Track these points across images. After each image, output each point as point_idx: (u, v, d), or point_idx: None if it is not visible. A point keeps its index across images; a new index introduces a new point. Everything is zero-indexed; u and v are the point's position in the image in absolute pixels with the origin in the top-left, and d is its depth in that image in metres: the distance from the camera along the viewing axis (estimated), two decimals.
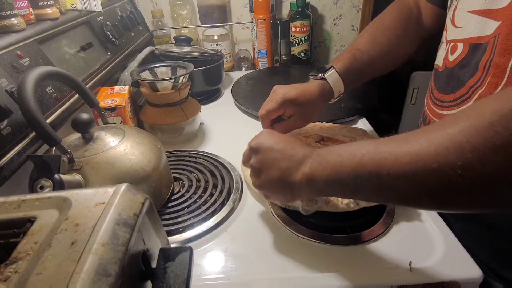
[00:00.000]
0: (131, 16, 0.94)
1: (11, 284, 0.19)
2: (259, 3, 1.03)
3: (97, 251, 0.20)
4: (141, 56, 0.81)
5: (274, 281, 0.42)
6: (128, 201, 0.25)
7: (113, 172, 0.44)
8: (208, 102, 0.93)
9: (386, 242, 0.46)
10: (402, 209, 0.52)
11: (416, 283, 0.41)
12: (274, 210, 0.52)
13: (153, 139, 0.53)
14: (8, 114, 0.43)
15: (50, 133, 0.40)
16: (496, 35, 0.41)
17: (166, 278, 0.24)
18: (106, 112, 0.59)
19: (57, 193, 0.26)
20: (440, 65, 0.53)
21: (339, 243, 0.46)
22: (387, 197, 0.34)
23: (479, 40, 0.44)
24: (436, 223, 0.49)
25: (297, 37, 1.12)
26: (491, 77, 0.42)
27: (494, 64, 0.41)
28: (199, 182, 0.58)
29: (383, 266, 0.43)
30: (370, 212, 0.50)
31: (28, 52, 0.53)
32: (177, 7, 1.16)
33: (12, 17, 0.52)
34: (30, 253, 0.21)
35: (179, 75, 0.67)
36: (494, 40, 0.42)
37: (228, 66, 1.17)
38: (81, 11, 0.72)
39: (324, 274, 0.42)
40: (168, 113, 0.68)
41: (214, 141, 0.73)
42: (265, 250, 0.47)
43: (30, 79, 0.41)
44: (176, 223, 0.50)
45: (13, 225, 0.24)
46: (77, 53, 0.66)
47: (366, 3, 1.17)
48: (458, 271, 0.42)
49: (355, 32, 1.25)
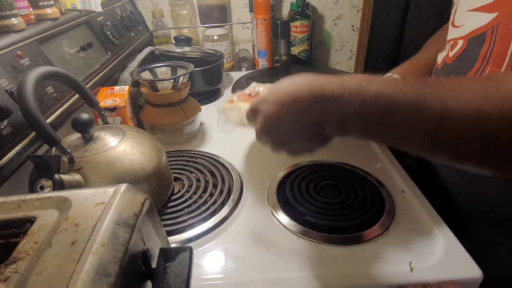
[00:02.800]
0: (131, 16, 0.94)
1: (11, 284, 0.19)
2: (259, 3, 1.03)
3: (97, 251, 0.20)
4: (141, 56, 0.81)
5: (274, 281, 0.42)
6: (128, 201, 0.25)
7: (113, 172, 0.44)
8: (208, 102, 0.93)
9: (386, 242, 0.46)
10: (402, 209, 0.52)
11: (416, 283, 0.41)
12: (274, 210, 0.52)
13: (153, 139, 0.53)
14: (8, 114, 0.43)
15: (50, 133, 0.40)
16: (495, 25, 0.42)
17: (166, 278, 0.24)
18: (106, 112, 0.59)
19: (57, 193, 0.26)
20: (439, 63, 0.53)
21: (339, 243, 0.46)
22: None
23: (478, 32, 0.45)
24: (436, 223, 0.49)
25: (297, 37, 1.13)
26: (491, 66, 0.42)
27: (494, 54, 0.42)
28: (199, 182, 0.58)
29: (383, 266, 0.43)
30: (370, 212, 0.51)
31: (28, 52, 0.53)
32: (177, 7, 1.16)
33: (12, 17, 0.52)
34: (30, 253, 0.21)
35: (179, 75, 0.67)
36: (492, 30, 0.42)
37: (228, 66, 1.17)
38: (81, 11, 0.72)
39: (324, 274, 0.42)
40: (168, 113, 0.68)
41: (214, 141, 0.73)
42: (265, 250, 0.47)
43: (30, 79, 0.41)
44: (176, 223, 0.50)
45: (13, 225, 0.24)
46: (77, 53, 0.66)
47: (366, 3, 1.17)
48: (458, 271, 0.42)
49: (355, 32, 1.25)
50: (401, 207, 0.52)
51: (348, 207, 0.52)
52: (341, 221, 0.49)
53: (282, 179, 0.59)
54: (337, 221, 0.49)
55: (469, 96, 0.27)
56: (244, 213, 0.53)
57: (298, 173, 0.59)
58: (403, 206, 0.53)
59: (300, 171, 0.60)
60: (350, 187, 0.56)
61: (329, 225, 0.49)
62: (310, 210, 0.51)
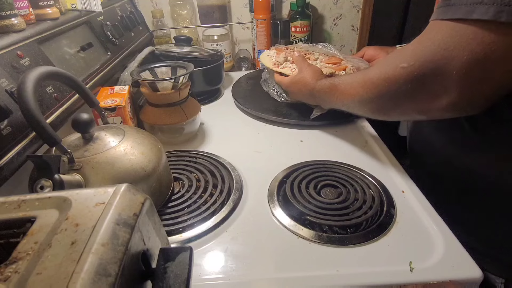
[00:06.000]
0: (131, 16, 0.94)
1: (11, 284, 0.19)
2: (259, 3, 1.03)
3: (97, 251, 0.20)
4: (141, 56, 0.81)
5: (274, 281, 0.42)
6: (128, 201, 0.25)
7: (113, 172, 0.44)
8: (208, 102, 0.93)
9: (386, 242, 0.46)
10: (402, 209, 0.52)
11: (416, 283, 0.41)
12: (274, 210, 0.52)
13: (153, 139, 0.53)
14: (8, 114, 0.43)
15: (50, 133, 0.40)
16: None
17: (166, 278, 0.24)
18: (106, 112, 0.59)
19: (57, 193, 0.26)
20: None
21: (339, 243, 0.46)
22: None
23: None
24: (436, 223, 0.49)
25: (297, 37, 1.13)
26: None
27: None
28: (199, 182, 0.59)
29: (383, 266, 0.43)
30: (370, 212, 0.51)
31: (28, 52, 0.53)
32: (177, 7, 1.16)
33: (12, 17, 0.52)
34: (30, 253, 0.21)
35: (179, 75, 0.67)
36: None
37: (228, 66, 1.17)
38: (81, 11, 0.72)
39: (324, 274, 0.42)
40: (168, 113, 0.68)
41: (214, 141, 0.73)
42: (265, 250, 0.47)
43: (30, 79, 0.41)
44: (176, 223, 0.50)
45: (13, 225, 0.24)
46: (77, 53, 0.66)
47: (366, 3, 1.17)
48: (458, 271, 0.42)
49: (355, 32, 1.25)
50: (401, 207, 0.52)
51: (348, 207, 0.52)
52: (341, 221, 0.49)
53: (282, 179, 0.59)
54: (337, 221, 0.49)
55: (351, 81, 0.58)
56: (244, 213, 0.53)
57: (298, 173, 0.59)
58: (403, 206, 0.53)
59: (300, 171, 0.60)
60: (350, 187, 0.56)
61: (329, 225, 0.49)
62: (310, 210, 0.51)
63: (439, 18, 0.41)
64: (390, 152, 0.66)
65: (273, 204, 0.53)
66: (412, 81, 0.44)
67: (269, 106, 0.83)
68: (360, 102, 0.55)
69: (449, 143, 0.54)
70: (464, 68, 0.38)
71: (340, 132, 0.75)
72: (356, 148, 0.68)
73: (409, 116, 0.54)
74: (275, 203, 0.53)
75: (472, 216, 0.53)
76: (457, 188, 0.55)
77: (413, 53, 0.44)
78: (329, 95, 0.63)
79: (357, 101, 0.56)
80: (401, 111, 0.50)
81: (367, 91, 0.52)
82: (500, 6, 0.34)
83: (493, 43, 0.36)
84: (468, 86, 0.40)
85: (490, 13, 0.35)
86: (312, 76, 0.69)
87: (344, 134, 0.74)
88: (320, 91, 0.66)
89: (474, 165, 0.50)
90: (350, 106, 0.59)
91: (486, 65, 0.37)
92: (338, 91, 0.60)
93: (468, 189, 0.53)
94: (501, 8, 0.34)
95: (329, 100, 0.65)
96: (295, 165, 0.62)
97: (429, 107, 0.45)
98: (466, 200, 0.54)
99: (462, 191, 0.54)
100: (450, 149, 0.54)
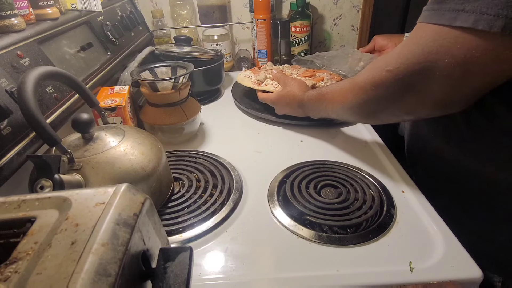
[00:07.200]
0: (131, 16, 0.94)
1: (11, 284, 0.19)
2: (259, 3, 1.03)
3: (97, 251, 0.20)
4: (141, 56, 0.81)
5: (274, 281, 0.42)
6: (128, 201, 0.25)
7: (113, 172, 0.44)
8: (208, 102, 0.93)
9: (386, 242, 0.47)
10: (402, 209, 0.52)
11: (416, 283, 0.41)
12: (274, 210, 0.52)
13: (153, 139, 0.53)
14: (8, 114, 0.43)
15: (50, 133, 0.40)
16: None
17: (166, 278, 0.24)
18: (106, 112, 0.59)
19: (57, 193, 0.26)
20: None
21: (339, 243, 0.46)
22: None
23: None
24: (436, 223, 0.49)
25: (297, 37, 1.13)
26: None
27: None
28: (199, 182, 0.58)
29: (383, 266, 0.43)
30: (370, 212, 0.51)
31: (28, 52, 0.53)
32: (177, 7, 1.16)
33: (12, 17, 0.52)
34: (30, 253, 0.21)
35: (179, 75, 0.67)
36: None
37: (228, 66, 1.17)
38: (81, 11, 0.72)
39: (324, 274, 0.42)
40: (168, 113, 0.68)
41: (214, 141, 0.73)
42: (265, 250, 0.47)
43: (30, 79, 0.41)
44: (176, 223, 0.50)
45: (13, 225, 0.24)
46: (77, 53, 0.66)
47: (366, 3, 1.17)
48: (458, 271, 0.42)
49: (355, 32, 1.25)
50: (401, 207, 0.52)
51: (348, 207, 0.52)
52: (341, 221, 0.49)
53: (282, 179, 0.59)
54: (337, 221, 0.49)
55: (339, 88, 0.60)
56: (244, 213, 0.53)
57: (298, 173, 0.59)
58: (403, 206, 0.53)
59: (300, 171, 0.60)
60: (350, 187, 0.56)
61: (329, 225, 0.49)
62: (310, 210, 0.51)
63: (425, 21, 0.43)
64: (390, 152, 0.66)
65: (273, 204, 0.53)
66: (398, 83, 0.46)
67: (269, 106, 0.82)
68: (350, 108, 0.57)
69: (445, 144, 0.55)
70: (446, 70, 0.41)
71: (340, 132, 0.75)
72: (356, 148, 0.68)
73: (398, 117, 0.55)
74: (275, 203, 0.53)
75: (471, 216, 0.53)
76: (455, 188, 0.55)
77: (399, 56, 0.46)
78: (319, 104, 0.65)
79: (347, 107, 0.57)
80: (390, 113, 0.52)
81: (356, 96, 0.54)
82: (478, 15, 0.37)
83: (472, 48, 0.38)
84: (450, 86, 0.43)
85: (470, 21, 0.37)
86: (299, 88, 0.71)
87: (344, 134, 0.74)
88: (310, 102, 0.67)
89: (472, 166, 0.51)
90: (340, 113, 0.61)
91: (466, 67, 0.40)
92: (327, 99, 0.62)
93: (466, 189, 0.53)
94: (479, 17, 0.36)
95: (318, 109, 0.67)
96: (295, 165, 0.62)
97: (415, 107, 0.48)
98: (465, 200, 0.54)
99: (460, 191, 0.54)
100: (446, 151, 0.54)
